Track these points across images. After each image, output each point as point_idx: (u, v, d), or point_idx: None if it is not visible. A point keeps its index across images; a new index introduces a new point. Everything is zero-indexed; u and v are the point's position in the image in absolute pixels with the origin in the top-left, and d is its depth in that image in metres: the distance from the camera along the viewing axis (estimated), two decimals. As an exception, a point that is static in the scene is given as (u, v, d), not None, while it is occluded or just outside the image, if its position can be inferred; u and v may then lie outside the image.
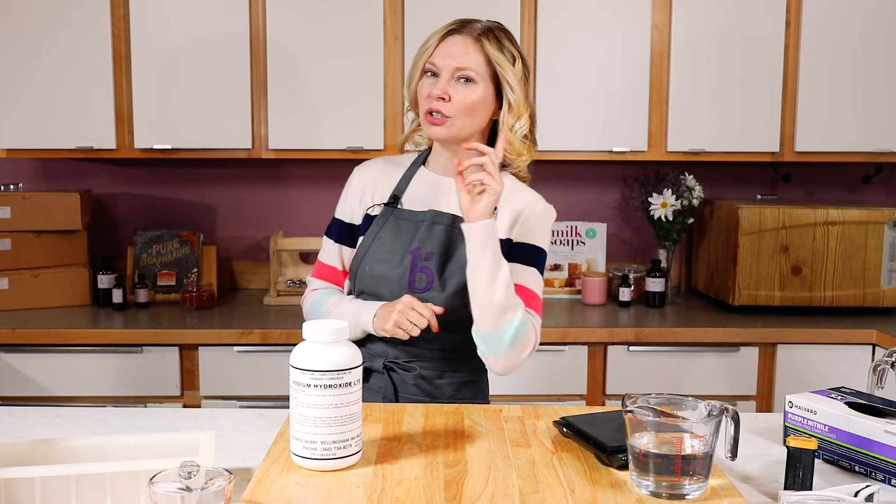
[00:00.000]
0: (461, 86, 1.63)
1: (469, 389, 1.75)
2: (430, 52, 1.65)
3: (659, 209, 3.09)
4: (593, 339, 2.76)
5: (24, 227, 2.96)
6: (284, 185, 3.33)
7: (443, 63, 1.64)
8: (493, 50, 1.64)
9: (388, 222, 1.71)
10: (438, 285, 1.64)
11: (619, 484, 1.20)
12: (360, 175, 1.79)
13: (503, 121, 1.66)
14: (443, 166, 1.74)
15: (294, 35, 2.91)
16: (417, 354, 1.70)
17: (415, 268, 1.66)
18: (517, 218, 1.67)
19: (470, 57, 1.63)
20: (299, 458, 1.23)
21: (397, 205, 1.72)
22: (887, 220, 2.90)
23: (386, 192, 1.75)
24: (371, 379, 1.72)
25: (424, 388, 1.70)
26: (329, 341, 1.22)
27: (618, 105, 2.98)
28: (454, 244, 1.66)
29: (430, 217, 1.69)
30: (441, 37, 1.66)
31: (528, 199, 1.70)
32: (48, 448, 1.28)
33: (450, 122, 1.63)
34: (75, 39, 2.88)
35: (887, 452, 1.27)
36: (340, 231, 1.78)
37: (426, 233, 1.67)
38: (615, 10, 2.94)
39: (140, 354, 2.71)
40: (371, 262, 1.69)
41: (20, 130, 2.92)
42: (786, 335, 2.77)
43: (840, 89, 2.98)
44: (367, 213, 1.75)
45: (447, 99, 1.63)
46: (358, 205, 1.77)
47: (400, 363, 1.70)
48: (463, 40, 1.64)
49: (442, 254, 1.66)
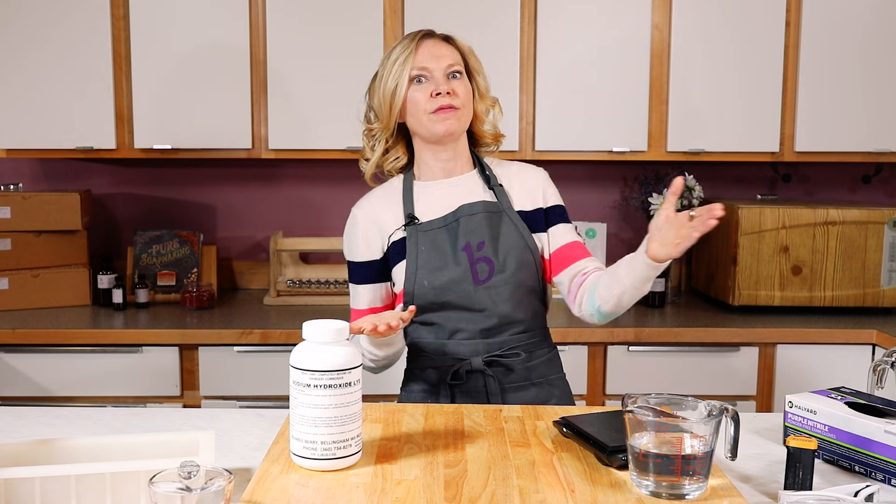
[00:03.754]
0: (454, 81, 1.70)
1: (555, 366, 1.79)
2: (413, 59, 1.68)
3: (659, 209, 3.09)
4: (593, 339, 2.76)
5: (24, 227, 2.96)
6: (284, 185, 3.33)
7: (433, 64, 1.69)
8: (462, 44, 1.75)
9: (419, 237, 1.71)
10: (500, 268, 1.69)
11: (619, 484, 1.20)
12: (363, 212, 1.77)
13: (477, 108, 1.76)
14: (440, 169, 1.76)
15: (294, 35, 2.91)
16: (508, 342, 1.71)
17: (473, 261, 1.69)
18: (535, 187, 1.77)
19: (452, 54, 1.72)
20: (299, 458, 1.23)
21: (416, 221, 1.72)
22: (887, 220, 2.90)
23: (397, 216, 1.75)
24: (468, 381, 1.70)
25: (524, 373, 1.72)
26: (329, 341, 1.22)
27: (618, 105, 2.98)
28: (495, 226, 1.71)
29: (465, 211, 1.71)
30: (417, 43, 1.70)
31: (531, 172, 1.81)
32: (48, 448, 1.28)
33: (460, 114, 1.69)
34: (75, 40, 2.88)
35: (887, 452, 1.27)
36: (361, 271, 1.76)
37: (467, 226, 1.70)
38: (615, 10, 2.94)
39: (140, 354, 2.71)
40: (427, 276, 1.68)
41: (20, 130, 2.92)
42: (786, 335, 2.77)
43: (840, 89, 2.98)
44: (393, 241, 1.74)
45: (453, 94, 1.68)
46: (376, 238, 1.74)
47: (503, 353, 1.70)
48: (437, 42, 1.72)
49: (490, 239, 1.70)
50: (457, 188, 1.75)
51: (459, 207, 1.72)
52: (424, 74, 1.69)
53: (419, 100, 1.68)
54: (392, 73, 1.70)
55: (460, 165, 1.77)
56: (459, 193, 1.74)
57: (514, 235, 1.71)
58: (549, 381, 1.76)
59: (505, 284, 1.68)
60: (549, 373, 1.77)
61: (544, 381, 1.75)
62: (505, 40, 2.93)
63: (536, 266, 1.73)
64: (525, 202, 1.76)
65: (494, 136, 1.81)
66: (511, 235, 1.71)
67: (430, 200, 1.75)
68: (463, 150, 1.77)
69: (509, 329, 1.70)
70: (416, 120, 1.70)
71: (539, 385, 1.74)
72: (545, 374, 1.76)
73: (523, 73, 2.94)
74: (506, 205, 1.74)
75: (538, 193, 1.77)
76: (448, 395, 1.71)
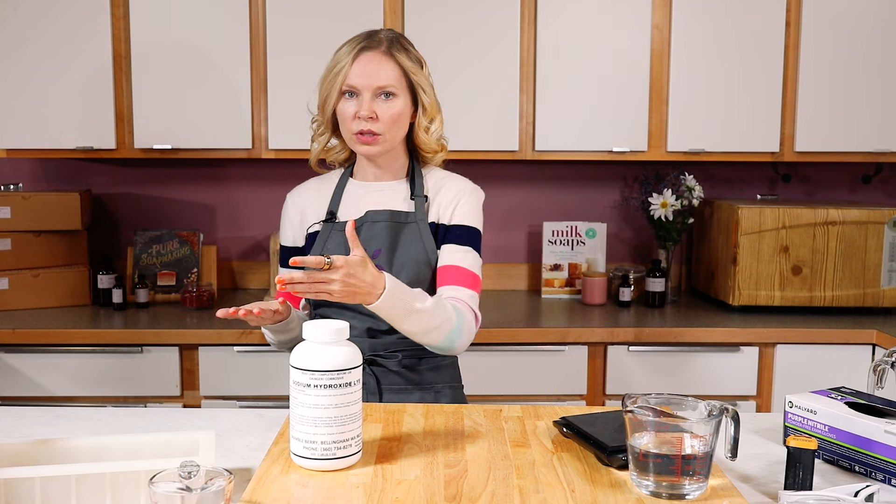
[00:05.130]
0: (383, 102, 1.70)
1: (447, 374, 1.81)
2: (346, 73, 1.69)
3: (659, 209, 3.09)
4: (593, 339, 2.76)
5: (24, 227, 2.96)
6: (284, 185, 3.31)
7: (362, 83, 1.69)
8: (404, 59, 1.72)
9: (330, 236, 1.76)
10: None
11: (619, 484, 1.20)
12: (293, 199, 1.87)
13: (418, 123, 1.76)
14: (372, 173, 1.80)
15: (294, 34, 2.91)
16: (394, 344, 1.73)
17: None
18: (450, 203, 1.76)
19: (387, 73, 1.69)
20: (299, 458, 1.23)
21: (335, 219, 1.78)
22: (887, 220, 2.90)
23: (321, 210, 1.81)
24: None
25: (407, 375, 1.75)
26: (329, 341, 1.22)
27: (618, 105, 2.98)
28: (396, 237, 1.73)
29: (368, 218, 1.74)
30: (354, 56, 1.69)
31: (458, 185, 1.79)
32: (48, 448, 1.28)
33: (381, 139, 1.71)
34: (75, 39, 2.88)
35: (887, 452, 1.27)
36: (287, 255, 1.85)
37: (368, 233, 1.73)
38: (615, 10, 2.94)
39: (140, 354, 2.71)
40: None
41: (20, 130, 2.92)
42: (786, 335, 2.77)
43: (840, 89, 2.98)
44: (309, 233, 1.81)
45: (375, 118, 1.69)
46: (299, 227, 1.84)
47: (382, 354, 1.74)
48: (376, 57, 1.70)
49: (388, 249, 1.72)
50: (379, 193, 1.78)
51: (367, 213, 1.75)
52: (353, 90, 1.70)
53: (345, 116, 1.71)
54: (327, 81, 1.73)
55: (392, 173, 1.80)
56: (380, 199, 1.78)
57: (416, 249, 1.72)
58: (436, 388, 1.78)
59: None
60: (438, 380, 1.79)
61: (430, 388, 1.78)
62: (505, 40, 2.93)
63: (434, 282, 1.74)
64: (441, 214, 1.77)
65: (436, 148, 1.80)
66: (412, 248, 1.72)
67: (354, 200, 1.79)
68: (395, 160, 1.79)
69: (396, 333, 1.70)
70: (344, 133, 1.75)
71: (424, 390, 1.77)
72: (433, 380, 1.78)
73: (523, 73, 2.94)
74: (419, 216, 1.75)
75: (452, 207, 1.76)
76: None
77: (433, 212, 1.77)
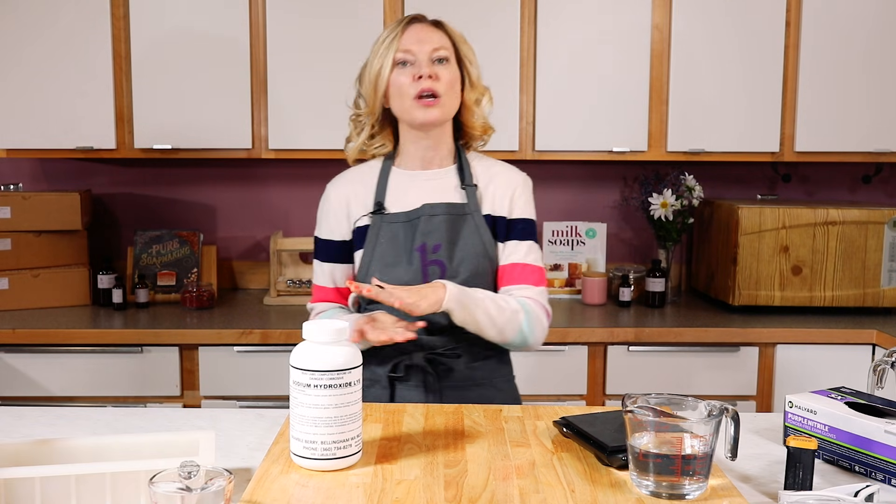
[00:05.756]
0: (439, 66, 1.67)
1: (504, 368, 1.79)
2: (398, 41, 1.66)
3: (659, 209, 3.09)
4: (593, 339, 2.76)
5: (24, 227, 2.96)
6: (284, 185, 3.33)
7: (418, 48, 1.66)
8: (452, 30, 1.72)
9: (382, 228, 1.70)
10: (452, 273, 1.67)
11: (619, 484, 1.20)
12: (336, 190, 1.78)
13: (466, 99, 1.72)
14: (419, 158, 1.74)
15: (294, 34, 2.91)
16: (452, 341, 1.69)
17: (426, 263, 1.67)
18: (504, 195, 1.74)
19: (439, 38, 1.69)
20: (299, 458, 1.23)
21: (383, 210, 1.72)
22: (887, 220, 2.90)
23: (367, 201, 1.74)
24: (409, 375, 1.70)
25: (466, 373, 1.71)
26: (329, 341, 1.22)
27: (618, 105, 2.98)
28: (455, 230, 1.69)
29: (425, 211, 1.70)
30: (404, 27, 1.68)
31: (509, 175, 1.77)
32: (48, 448, 1.28)
33: (441, 102, 1.66)
34: (75, 39, 2.88)
35: (887, 452, 1.27)
36: (328, 250, 1.77)
37: (426, 226, 1.68)
38: (615, 10, 2.94)
39: (140, 354, 2.71)
40: (379, 270, 1.68)
41: (20, 130, 2.92)
42: (786, 335, 2.77)
43: (840, 89, 2.98)
44: (357, 227, 1.74)
45: (435, 78, 1.65)
46: (344, 220, 1.75)
47: (444, 353, 1.69)
48: (426, 26, 1.70)
49: (448, 242, 1.68)
50: (429, 183, 1.73)
51: (423, 206, 1.70)
52: (408, 58, 1.66)
53: (402, 83, 1.66)
54: (378, 55, 1.68)
55: (440, 157, 1.75)
56: (430, 189, 1.72)
57: (474, 241, 1.69)
58: (493, 383, 1.76)
59: None
60: (494, 375, 1.76)
61: (488, 384, 1.74)
62: (505, 39, 2.93)
63: (493, 273, 1.72)
64: (496, 206, 1.74)
65: (483, 128, 1.77)
66: (470, 241, 1.69)
67: (401, 190, 1.73)
68: (445, 141, 1.74)
69: (454, 331, 1.68)
70: (400, 105, 1.69)
71: (482, 386, 1.73)
72: (489, 376, 1.75)
73: (523, 72, 2.94)
74: (473, 207, 1.71)
75: (507, 201, 1.74)
76: (387, 386, 1.71)
77: (487, 203, 1.73)
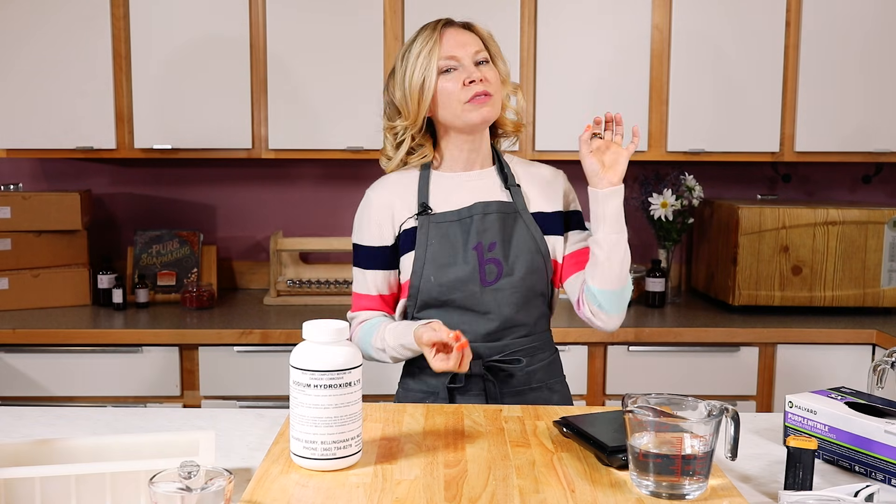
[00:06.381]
0: (484, 67, 1.67)
1: (556, 370, 1.79)
2: (440, 48, 1.64)
3: (659, 209, 3.09)
4: (593, 339, 2.76)
5: (24, 227, 2.96)
6: (284, 185, 3.33)
7: (462, 53, 1.65)
8: (480, 30, 1.72)
9: (431, 229, 1.68)
10: (508, 271, 1.67)
11: (619, 484, 1.20)
12: (378, 195, 1.73)
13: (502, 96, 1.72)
14: (463, 161, 1.73)
15: (294, 35, 2.91)
16: (510, 345, 1.69)
17: (482, 261, 1.66)
18: (557, 193, 1.77)
19: (475, 40, 1.69)
20: (299, 458, 1.23)
21: (429, 211, 1.69)
22: (887, 220, 2.90)
23: (412, 204, 1.71)
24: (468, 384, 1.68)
25: (523, 378, 1.70)
26: (329, 341, 1.22)
27: (618, 105, 2.96)
28: (509, 228, 1.69)
29: (479, 209, 1.68)
30: (440, 33, 1.66)
31: (552, 173, 1.81)
32: (48, 448, 1.28)
33: (493, 100, 1.66)
34: (75, 39, 2.88)
35: (887, 452, 1.27)
36: (372, 257, 1.73)
37: (480, 225, 1.67)
38: (615, 10, 2.94)
39: (140, 354, 2.71)
40: (434, 271, 1.66)
41: (20, 130, 2.92)
42: (786, 335, 2.77)
43: (840, 89, 2.98)
44: (404, 230, 1.70)
45: (485, 80, 1.65)
46: (388, 225, 1.71)
47: (503, 359, 1.68)
48: (460, 31, 1.69)
49: (503, 241, 1.68)
50: (474, 183, 1.72)
51: (475, 204, 1.68)
52: (453, 65, 1.65)
53: (451, 90, 1.64)
54: (418, 66, 1.64)
55: (481, 159, 1.74)
56: (476, 189, 1.71)
57: (526, 238, 1.69)
58: (549, 385, 1.75)
59: (512, 288, 1.66)
60: (549, 377, 1.75)
61: (543, 386, 1.74)
62: (505, 40, 2.89)
63: (546, 270, 1.71)
64: (543, 204, 1.74)
65: (516, 124, 1.78)
66: (523, 238, 1.69)
67: (445, 192, 1.71)
68: (485, 142, 1.74)
69: (511, 333, 1.68)
70: (450, 111, 1.66)
71: (538, 390, 1.73)
72: (544, 378, 1.74)
73: (523, 73, 2.94)
74: (521, 206, 1.71)
75: (559, 196, 1.76)
76: (447, 397, 1.69)
77: (535, 202, 1.73)
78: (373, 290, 1.73)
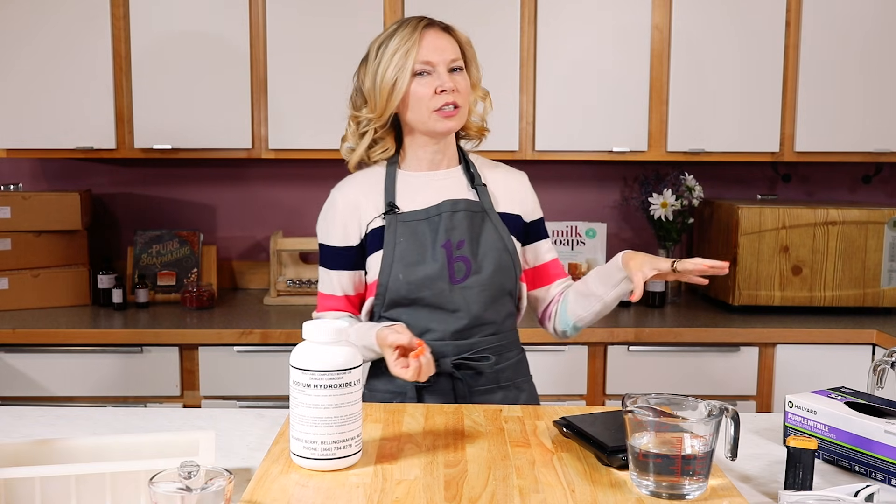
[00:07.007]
0: (457, 76, 1.67)
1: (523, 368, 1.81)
2: (417, 50, 1.63)
3: (659, 209, 3.09)
4: (593, 339, 2.76)
5: (24, 227, 2.96)
6: (284, 185, 3.33)
7: (438, 58, 1.65)
8: (459, 35, 1.71)
9: (398, 227, 1.68)
10: (476, 269, 1.67)
11: (619, 484, 1.20)
12: (344, 194, 1.74)
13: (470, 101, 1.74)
14: (427, 161, 1.73)
15: (294, 35, 2.91)
16: (478, 344, 1.69)
17: (451, 259, 1.66)
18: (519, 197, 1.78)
19: (454, 47, 1.68)
20: (299, 458, 1.23)
21: (396, 210, 1.69)
22: (887, 220, 2.90)
23: (378, 203, 1.71)
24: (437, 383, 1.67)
25: (492, 376, 1.71)
26: (329, 341, 1.22)
27: (618, 105, 2.98)
28: (477, 227, 1.70)
29: (447, 207, 1.68)
30: (420, 34, 1.65)
31: (515, 176, 1.82)
32: (48, 448, 1.28)
33: (461, 113, 1.67)
34: (75, 39, 2.88)
35: (887, 452, 1.27)
36: (338, 257, 1.72)
37: (449, 223, 1.67)
38: (615, 10, 2.94)
39: (140, 354, 2.71)
40: (402, 269, 1.66)
41: (20, 130, 2.92)
42: (786, 335, 2.77)
43: (840, 89, 2.98)
44: (371, 229, 1.70)
45: (456, 90, 1.65)
46: (354, 224, 1.71)
47: (472, 357, 1.68)
48: (439, 33, 1.68)
49: (471, 239, 1.68)
50: (441, 182, 1.73)
51: (443, 202, 1.69)
52: (427, 69, 1.64)
53: (422, 95, 1.64)
54: (392, 64, 1.64)
55: (447, 159, 1.75)
56: (443, 188, 1.72)
57: (494, 237, 1.70)
58: (516, 384, 1.76)
59: (480, 286, 1.67)
60: (517, 376, 1.77)
61: (511, 385, 1.75)
62: (505, 39, 2.93)
63: (514, 269, 1.72)
64: (508, 205, 1.76)
65: (479, 129, 1.79)
66: (491, 237, 1.70)
67: (412, 191, 1.71)
68: (451, 144, 1.75)
69: (480, 331, 1.69)
70: (417, 116, 1.66)
71: (506, 388, 1.73)
72: (513, 377, 1.75)
73: (523, 72, 2.94)
74: (488, 205, 1.72)
75: (520, 201, 1.78)
76: (415, 397, 1.68)
77: (500, 202, 1.75)
78: (338, 291, 1.73)
